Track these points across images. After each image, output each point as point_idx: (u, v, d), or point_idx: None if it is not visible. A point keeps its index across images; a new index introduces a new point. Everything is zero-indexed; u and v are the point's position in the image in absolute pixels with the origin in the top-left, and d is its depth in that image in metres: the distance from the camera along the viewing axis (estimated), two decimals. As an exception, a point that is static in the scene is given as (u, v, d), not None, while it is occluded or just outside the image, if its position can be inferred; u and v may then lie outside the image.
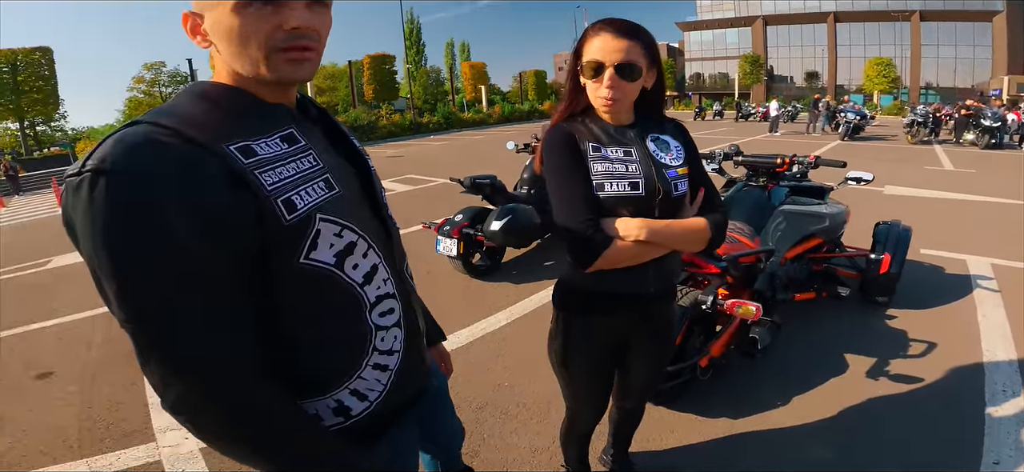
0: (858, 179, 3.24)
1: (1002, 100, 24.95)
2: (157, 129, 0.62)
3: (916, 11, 47.18)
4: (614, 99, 1.17)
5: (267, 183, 0.67)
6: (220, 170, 0.64)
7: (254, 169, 0.67)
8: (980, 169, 9.84)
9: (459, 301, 3.72)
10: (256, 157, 0.68)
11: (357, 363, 0.80)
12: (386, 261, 0.83)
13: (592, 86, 1.19)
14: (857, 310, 3.34)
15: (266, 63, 0.71)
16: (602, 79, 1.16)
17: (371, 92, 33.72)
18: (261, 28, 0.69)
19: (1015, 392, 2.42)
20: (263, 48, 0.70)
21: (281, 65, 0.71)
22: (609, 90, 1.16)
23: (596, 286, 1.30)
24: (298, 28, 0.70)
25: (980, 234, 5.19)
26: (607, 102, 1.18)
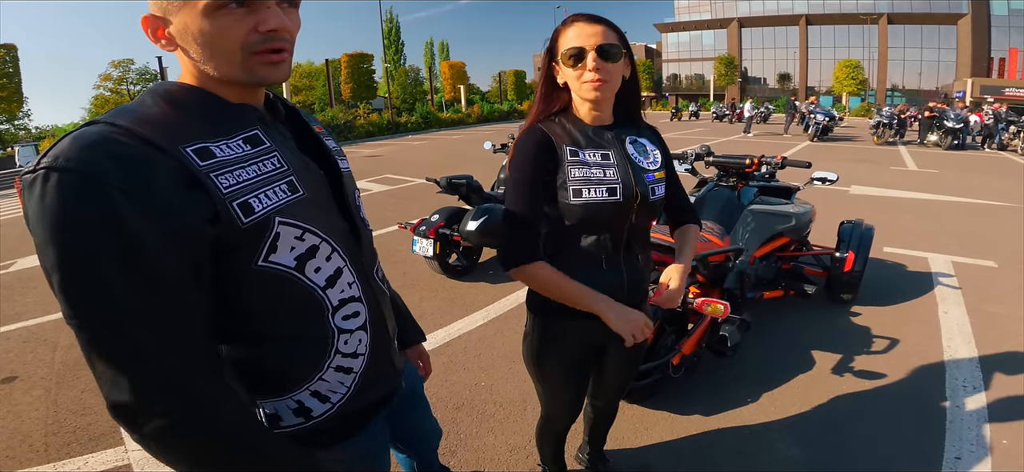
0: (823, 179, 3.33)
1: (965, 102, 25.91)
2: (113, 128, 0.62)
3: (884, 14, 48.67)
4: (601, 80, 1.16)
5: (223, 186, 0.67)
6: (174, 171, 0.64)
7: (210, 172, 0.67)
8: (943, 169, 10.20)
9: (436, 302, 3.71)
10: (214, 159, 0.68)
11: (318, 365, 0.80)
12: (352, 265, 0.83)
13: (575, 75, 1.17)
14: (823, 308, 3.43)
15: (241, 66, 0.70)
16: (585, 63, 1.15)
17: (348, 91, 33.29)
18: (236, 31, 0.68)
19: (976, 388, 2.51)
20: (238, 51, 0.69)
21: (257, 68, 0.71)
22: (595, 72, 1.15)
23: None
24: (275, 30, 0.70)
25: (941, 233, 5.38)
26: (595, 83, 1.16)
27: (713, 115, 28.45)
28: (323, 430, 0.83)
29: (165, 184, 0.62)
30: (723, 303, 2.09)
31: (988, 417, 2.28)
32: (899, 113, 16.01)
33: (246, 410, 0.72)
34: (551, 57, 1.23)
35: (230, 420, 0.68)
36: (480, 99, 35.93)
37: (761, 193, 3.33)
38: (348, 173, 0.91)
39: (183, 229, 0.63)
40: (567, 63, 1.17)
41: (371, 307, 0.87)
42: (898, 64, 49.80)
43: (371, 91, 34.64)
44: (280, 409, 0.79)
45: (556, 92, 1.25)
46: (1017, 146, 13.78)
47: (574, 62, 1.16)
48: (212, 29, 0.68)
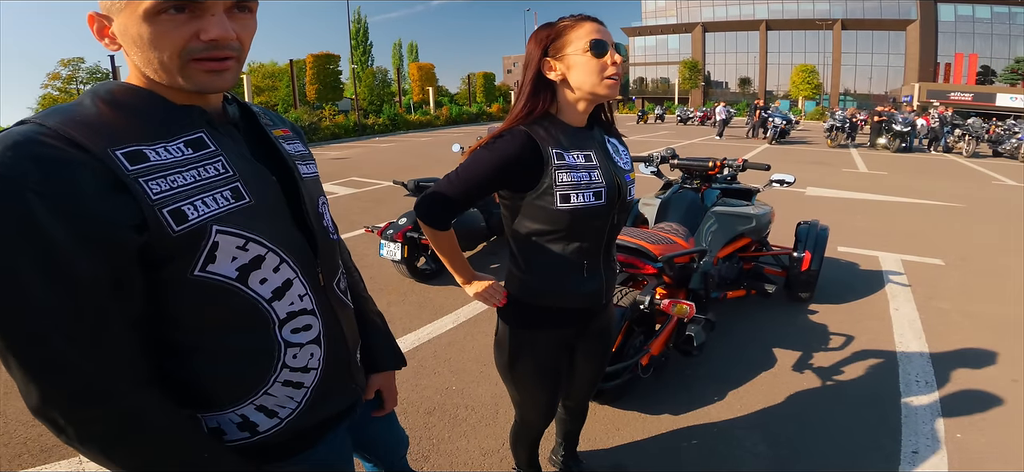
0: (781, 181, 3.45)
1: (912, 106, 27.24)
2: (40, 129, 0.60)
3: (838, 20, 50.84)
4: (619, 75, 1.17)
5: (152, 192, 0.64)
6: (98, 175, 0.61)
7: (139, 176, 0.63)
8: (891, 171, 10.72)
9: (404, 306, 3.66)
10: (145, 163, 0.65)
11: (263, 379, 0.77)
12: (305, 276, 0.80)
13: (596, 66, 1.15)
14: (783, 306, 3.55)
15: (181, 73, 0.67)
16: (609, 57, 1.15)
17: (314, 92, 32.60)
18: (175, 37, 0.65)
19: (928, 383, 2.63)
20: (176, 58, 0.66)
21: (197, 76, 0.68)
22: (616, 67, 1.15)
23: (549, 301, 1.31)
24: (217, 40, 0.67)
25: (891, 232, 5.65)
26: (615, 80, 1.17)
27: (678, 118, 29.13)
28: (273, 445, 0.80)
29: (86, 188, 0.60)
30: (689, 303, 2.14)
31: (941, 411, 2.38)
32: (851, 117, 16.75)
33: (183, 421, 0.70)
34: (545, 53, 1.20)
35: (162, 430, 0.67)
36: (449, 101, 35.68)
37: (723, 195, 3.42)
38: (312, 179, 0.88)
39: (102, 235, 0.61)
40: (588, 54, 1.14)
41: (326, 320, 0.84)
42: (850, 69, 52.12)
43: (337, 92, 34.01)
44: (223, 423, 0.76)
45: (544, 90, 1.22)
46: (961, 149, 14.62)
47: (597, 54, 1.14)
48: (151, 34, 0.65)
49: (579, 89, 1.19)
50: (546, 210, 1.19)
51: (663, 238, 2.54)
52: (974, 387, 2.58)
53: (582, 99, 1.21)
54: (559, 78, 1.20)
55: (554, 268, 1.26)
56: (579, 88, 1.19)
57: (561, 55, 1.18)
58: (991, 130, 15.33)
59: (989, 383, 2.61)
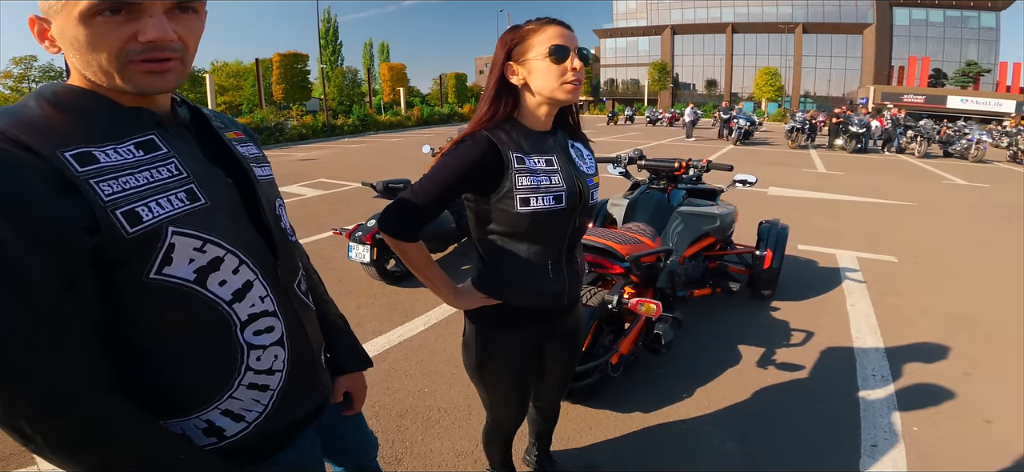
0: (744, 181, 3.55)
1: (868, 108, 28.38)
2: None
3: (800, 23, 52.59)
4: (579, 81, 1.18)
5: (104, 193, 0.63)
6: (47, 176, 0.60)
7: (90, 178, 0.62)
8: (848, 171, 11.16)
9: (374, 308, 3.62)
10: (95, 165, 0.63)
11: (227, 383, 0.76)
12: (265, 278, 0.79)
13: (555, 72, 1.16)
14: (747, 304, 3.65)
15: (120, 75, 0.66)
16: (569, 62, 1.16)
17: (281, 92, 31.95)
18: (112, 39, 0.64)
19: (884, 377, 2.73)
20: (115, 60, 0.65)
21: (138, 77, 0.67)
22: (576, 72, 1.16)
23: (513, 301, 1.31)
24: (155, 41, 0.65)
25: (847, 230, 5.88)
26: (574, 85, 1.17)
27: (647, 119, 29.63)
28: (241, 449, 0.79)
29: (36, 190, 0.59)
30: (655, 303, 2.18)
31: (897, 405, 2.47)
32: (810, 118, 17.36)
33: (151, 424, 0.69)
34: (508, 57, 1.20)
35: (130, 434, 0.66)
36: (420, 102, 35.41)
37: (689, 195, 3.50)
38: (267, 181, 0.87)
39: (53, 237, 0.59)
40: (550, 59, 1.15)
41: (289, 321, 0.83)
42: (810, 72, 53.98)
43: (305, 92, 33.42)
44: (187, 429, 0.75)
45: (507, 95, 1.23)
46: (914, 149, 15.31)
47: (557, 59, 1.15)
48: (87, 36, 0.64)
49: (540, 93, 1.20)
50: (507, 213, 1.20)
51: (630, 238, 2.58)
52: (928, 381, 2.69)
53: (543, 103, 1.22)
54: (521, 83, 1.21)
55: (518, 269, 1.27)
56: (539, 92, 1.20)
57: (523, 60, 1.19)
58: (942, 131, 16.12)
59: (942, 377, 2.73)
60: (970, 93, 42.88)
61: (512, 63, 1.20)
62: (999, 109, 38.68)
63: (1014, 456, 2.10)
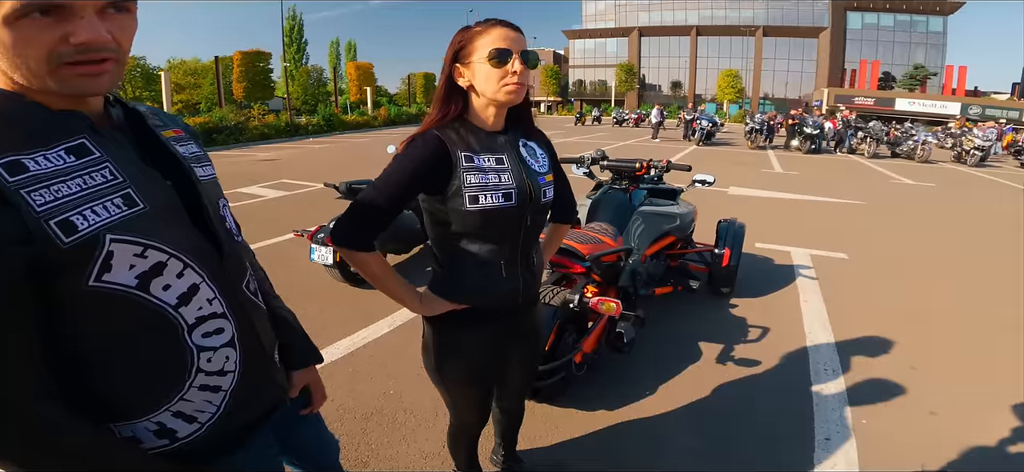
0: (703, 181, 3.65)
1: (822, 110, 29.54)
2: None
3: (760, 27, 54.35)
4: (520, 84, 1.18)
5: (37, 203, 0.61)
6: None
7: (20, 188, 0.60)
8: (803, 171, 11.61)
9: (338, 311, 3.55)
10: (25, 174, 0.61)
11: (177, 385, 0.76)
12: (211, 280, 0.78)
13: (496, 75, 1.17)
14: (706, 301, 3.74)
15: (52, 77, 0.64)
16: (510, 65, 1.16)
17: (241, 91, 31.11)
18: (41, 42, 0.62)
19: (835, 371, 2.83)
20: (45, 63, 0.63)
21: (71, 80, 0.65)
22: (517, 75, 1.17)
23: (472, 302, 1.31)
24: (87, 43, 0.63)
25: (801, 228, 6.11)
26: (516, 86, 1.18)
27: (614, 120, 30.07)
28: (195, 450, 0.79)
29: None
30: (615, 301, 2.21)
31: (848, 399, 2.57)
32: (768, 120, 17.98)
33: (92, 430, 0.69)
34: (455, 59, 1.21)
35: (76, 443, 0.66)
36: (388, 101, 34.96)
37: (650, 195, 3.57)
38: (210, 181, 0.86)
39: None
40: (490, 63, 1.16)
41: (239, 322, 0.83)
42: (769, 74, 55.88)
43: (268, 91, 32.64)
44: (138, 431, 0.75)
45: (456, 96, 1.24)
46: (864, 150, 16.02)
47: (498, 62, 1.15)
48: (13, 39, 0.61)
49: (483, 95, 1.22)
50: (458, 212, 1.21)
51: (592, 238, 2.61)
52: (876, 375, 2.81)
53: (489, 104, 1.24)
54: (467, 85, 1.23)
55: (471, 268, 1.27)
56: (483, 94, 1.22)
57: (468, 62, 1.20)
58: (891, 133, 16.94)
59: (890, 370, 2.86)
60: (917, 96, 45.17)
61: (459, 65, 1.22)
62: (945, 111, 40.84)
63: (958, 446, 2.21)
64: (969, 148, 15.03)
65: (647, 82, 59.58)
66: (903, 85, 47.99)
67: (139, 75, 37.77)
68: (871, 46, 50.68)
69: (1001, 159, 17.58)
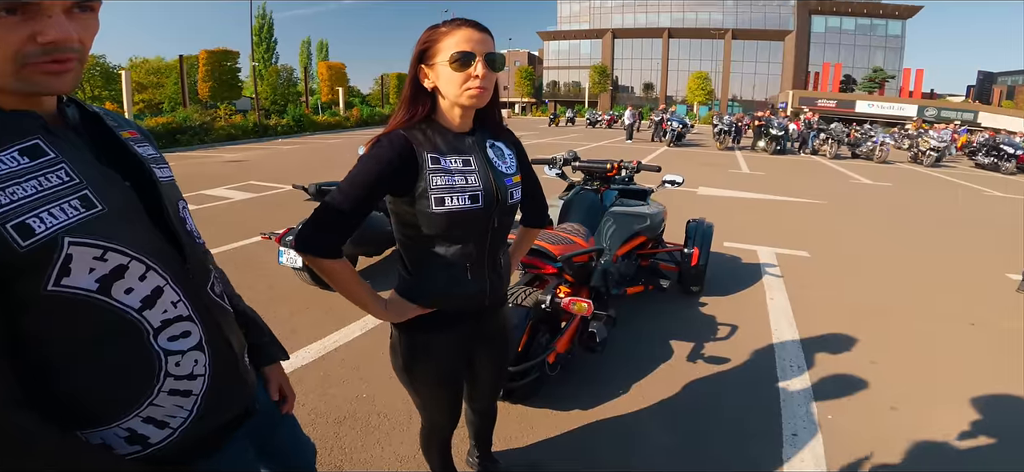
0: (672, 182, 3.72)
1: (786, 112, 30.40)
2: None
3: (730, 29, 55.71)
4: (483, 87, 1.17)
5: None
6: None
7: None
8: (768, 172, 11.94)
9: (308, 314, 3.49)
10: None
11: (145, 390, 0.75)
12: (176, 283, 0.77)
13: (458, 79, 1.16)
14: (677, 300, 3.81)
15: (16, 77, 0.63)
16: (472, 69, 1.15)
17: (207, 90, 30.31)
18: (9, 41, 0.61)
19: (800, 367, 2.91)
20: (10, 62, 0.62)
21: (35, 78, 0.64)
22: (480, 78, 1.15)
23: (438, 304, 1.31)
24: (56, 42, 0.62)
25: (767, 227, 6.28)
26: (478, 90, 1.17)
27: (587, 121, 30.38)
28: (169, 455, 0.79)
29: None
30: (587, 301, 2.23)
31: (813, 395, 2.64)
32: (736, 122, 18.44)
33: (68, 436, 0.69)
34: (420, 60, 1.20)
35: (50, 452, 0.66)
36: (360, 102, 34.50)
37: (621, 196, 3.62)
38: (168, 183, 0.84)
39: None
40: (452, 66, 1.15)
41: (206, 325, 0.82)
42: (738, 77, 57.37)
43: (235, 91, 31.88)
44: (108, 438, 0.74)
45: (422, 97, 1.22)
46: (826, 151, 16.57)
47: (461, 66, 1.14)
48: None
49: (446, 97, 1.21)
50: (424, 213, 1.20)
51: (563, 238, 2.63)
52: (839, 370, 2.90)
53: (454, 106, 1.23)
54: (432, 87, 1.22)
55: (437, 271, 1.27)
56: (446, 97, 1.21)
57: (433, 64, 1.19)
58: (851, 134, 17.58)
59: (852, 366, 2.95)
60: (876, 98, 46.97)
61: (424, 66, 1.21)
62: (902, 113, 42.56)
63: (919, 440, 2.29)
64: (925, 149, 15.71)
65: (620, 84, 60.40)
66: (863, 87, 49.83)
67: (98, 74, 36.36)
68: (833, 49, 52.49)
69: (956, 159, 18.42)
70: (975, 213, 8.30)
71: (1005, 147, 15.69)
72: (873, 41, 53.01)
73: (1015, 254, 5.16)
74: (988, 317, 3.75)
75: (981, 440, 2.32)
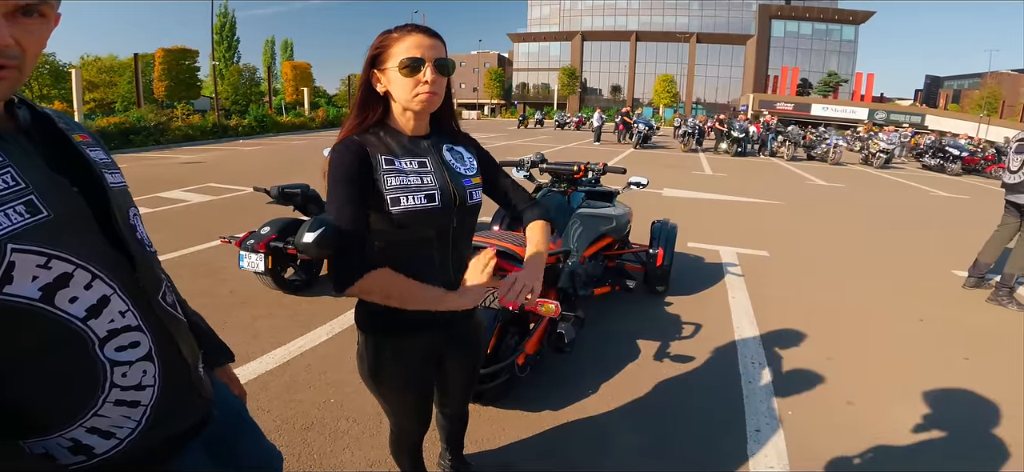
0: (637, 184, 3.78)
1: (747, 115, 31.38)
2: None
3: (694, 33, 57.14)
4: (433, 93, 1.18)
5: None
6: None
7: None
8: (730, 173, 12.31)
9: (271, 319, 3.39)
10: None
11: (90, 400, 0.72)
12: (124, 291, 0.75)
13: (408, 84, 1.17)
14: (643, 300, 3.88)
15: None
16: (422, 74, 1.16)
17: (163, 90, 29.26)
18: None
19: (761, 364, 3.00)
20: None
21: None
22: (429, 84, 1.17)
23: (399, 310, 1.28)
24: None
25: (728, 228, 6.47)
26: (428, 95, 1.17)
27: (556, 123, 30.62)
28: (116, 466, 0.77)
29: None
30: (554, 303, 2.24)
31: (774, 391, 2.71)
32: (700, 124, 18.95)
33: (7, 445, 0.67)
34: (372, 65, 1.21)
35: None
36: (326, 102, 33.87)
37: (588, 197, 3.66)
38: (120, 189, 0.82)
39: None
40: (402, 72, 1.16)
41: (156, 335, 0.80)
42: (701, 80, 58.93)
43: (194, 90, 30.92)
44: (51, 448, 0.72)
45: (374, 101, 1.23)
46: (783, 153, 17.18)
47: (410, 72, 1.16)
48: None
49: (398, 101, 1.23)
50: (383, 214, 1.20)
51: None
52: (798, 366, 3.00)
53: (406, 110, 1.24)
54: (383, 91, 1.23)
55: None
56: (397, 101, 1.23)
57: (384, 69, 1.20)
58: (807, 136, 18.27)
59: (810, 362, 3.05)
60: (831, 101, 49.02)
61: (375, 71, 1.22)
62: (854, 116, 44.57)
63: (875, 433, 2.39)
64: (875, 151, 16.47)
65: (589, 86, 61.16)
66: (818, 91, 51.89)
67: (47, 72, 34.55)
68: (792, 53, 54.52)
69: (904, 161, 19.37)
70: (923, 213, 8.73)
71: (950, 149, 16.62)
72: (828, 46, 55.28)
73: (961, 252, 5.42)
74: (936, 313, 3.95)
75: (933, 433, 2.43)
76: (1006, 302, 4.12)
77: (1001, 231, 4.47)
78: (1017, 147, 4.28)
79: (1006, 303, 4.11)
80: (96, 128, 14.36)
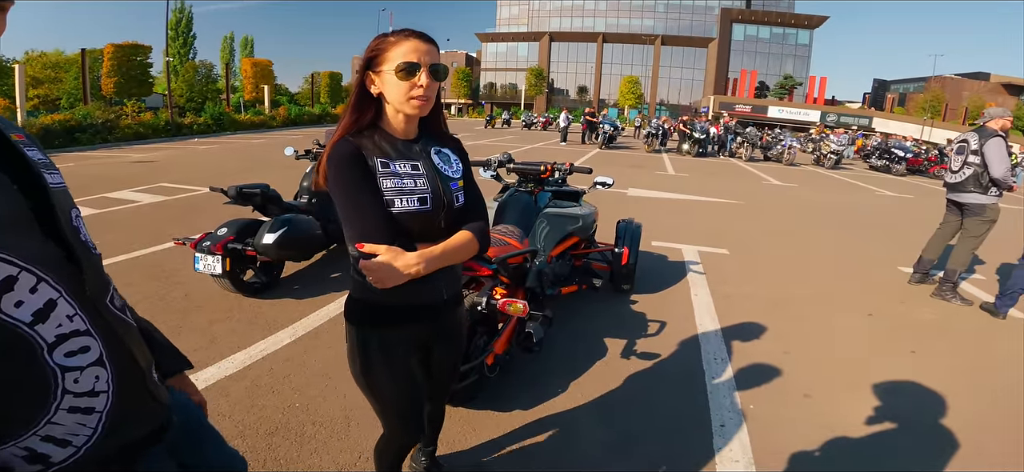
0: (603, 183, 3.83)
1: (708, 117, 32.29)
2: None
3: (659, 36, 58.38)
4: (427, 98, 1.22)
5: None
6: None
7: None
8: (691, 173, 12.64)
9: (229, 323, 3.27)
10: None
11: (41, 408, 0.70)
12: (71, 295, 0.72)
13: (403, 88, 1.21)
14: (609, 298, 3.93)
15: None
16: (417, 79, 1.20)
17: (112, 86, 27.94)
18: None
19: (723, 360, 3.08)
20: None
21: None
22: (423, 89, 1.21)
23: (390, 300, 1.30)
24: None
25: (691, 227, 6.63)
26: (421, 101, 1.22)
27: (523, 123, 30.76)
28: None
29: None
30: (522, 302, 2.25)
31: (736, 385, 2.79)
32: (664, 125, 19.39)
33: None
34: (368, 67, 1.24)
35: None
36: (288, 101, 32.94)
37: (554, 197, 3.68)
38: (60, 190, 0.78)
39: None
40: (398, 75, 1.19)
41: (106, 340, 0.77)
42: (665, 82, 60.29)
43: (145, 87, 29.62)
44: (6, 458, 0.70)
45: (368, 103, 1.27)
46: (742, 153, 17.75)
47: (406, 75, 1.20)
48: None
49: (392, 104, 1.26)
50: None
51: (498, 240, 2.64)
52: (757, 361, 3.09)
53: (399, 113, 1.28)
54: (378, 94, 1.27)
55: None
56: (391, 103, 1.26)
57: (379, 71, 1.24)
58: (764, 138, 18.93)
59: (768, 356, 3.15)
60: (786, 104, 50.97)
61: (371, 73, 1.25)
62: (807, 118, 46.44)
63: (831, 425, 2.48)
64: (826, 152, 17.21)
65: (556, 86, 61.68)
66: (775, 93, 53.88)
67: (-11, 68, 32.43)
68: (751, 57, 56.40)
69: (853, 162, 20.30)
70: (870, 212, 9.17)
71: (896, 150, 17.53)
72: (785, 49, 57.44)
73: (906, 249, 5.70)
74: (884, 308, 4.15)
75: (885, 425, 2.53)
76: (950, 297, 4.35)
77: (943, 229, 4.72)
78: (958, 149, 4.52)
79: (950, 298, 4.34)
80: (40, 125, 13.60)
